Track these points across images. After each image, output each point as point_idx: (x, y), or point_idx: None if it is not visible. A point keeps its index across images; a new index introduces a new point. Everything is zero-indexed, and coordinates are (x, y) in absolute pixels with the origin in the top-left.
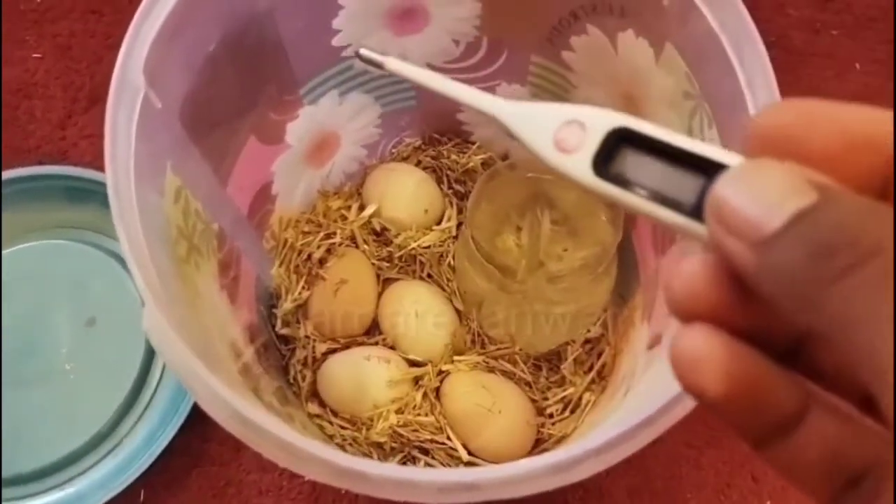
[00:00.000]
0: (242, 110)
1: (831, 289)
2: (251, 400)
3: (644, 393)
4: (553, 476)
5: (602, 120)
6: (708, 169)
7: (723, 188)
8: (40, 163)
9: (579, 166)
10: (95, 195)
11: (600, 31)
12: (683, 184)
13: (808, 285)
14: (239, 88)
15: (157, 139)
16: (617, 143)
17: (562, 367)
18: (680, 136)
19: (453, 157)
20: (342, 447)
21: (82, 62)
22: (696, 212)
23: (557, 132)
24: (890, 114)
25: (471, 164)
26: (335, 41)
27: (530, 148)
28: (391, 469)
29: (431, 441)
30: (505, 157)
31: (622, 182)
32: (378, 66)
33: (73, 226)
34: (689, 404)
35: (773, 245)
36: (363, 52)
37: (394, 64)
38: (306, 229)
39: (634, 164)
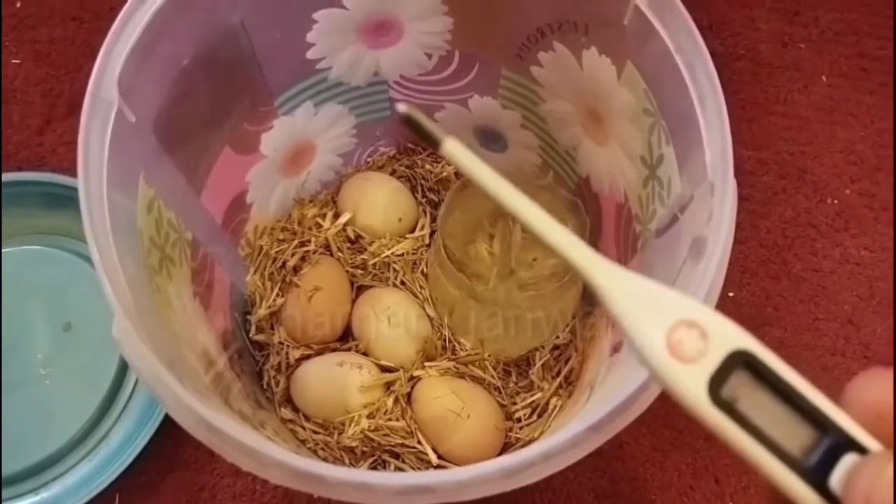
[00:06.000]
0: (216, 122)
1: None
2: (219, 406)
3: (600, 399)
4: (505, 479)
5: (728, 335)
6: (825, 426)
7: (886, 491)
8: (19, 169)
9: (692, 384)
10: (73, 202)
11: (566, 49)
12: (796, 433)
13: None
14: (213, 101)
15: (130, 151)
16: (734, 364)
17: (530, 372)
18: (805, 381)
19: (427, 166)
20: (314, 451)
21: (61, 69)
22: (808, 472)
23: (673, 330)
24: None
25: (444, 174)
26: (309, 54)
27: (628, 332)
28: (347, 472)
29: (402, 445)
30: None
31: (732, 412)
32: (432, 142)
33: (50, 232)
34: (636, 411)
35: None
36: (414, 114)
37: (453, 148)
38: (281, 237)
39: (750, 395)
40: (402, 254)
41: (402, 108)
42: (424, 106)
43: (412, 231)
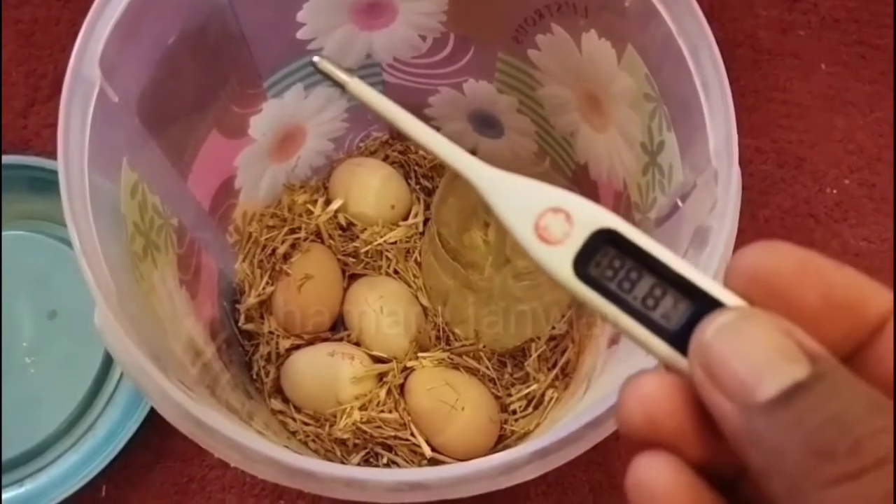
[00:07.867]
0: (203, 104)
1: (826, 492)
2: (206, 399)
3: (598, 393)
4: (499, 477)
5: (591, 216)
6: (693, 292)
7: (713, 338)
8: (2, 152)
9: (559, 263)
10: (58, 186)
11: (565, 31)
12: (666, 303)
13: (801, 478)
14: (199, 82)
15: (113, 134)
16: (601, 242)
17: (526, 363)
18: (668, 251)
19: (421, 152)
20: (305, 443)
21: (45, 49)
22: (677, 339)
23: (540, 217)
24: (877, 285)
25: (438, 160)
26: (300, 34)
27: (506, 225)
28: (339, 469)
29: (395, 437)
30: (473, 153)
31: (601, 287)
32: (339, 84)
33: (34, 217)
34: None
35: (764, 415)
36: (323, 63)
37: (358, 87)
38: (271, 223)
39: (618, 270)
40: (395, 242)
41: (314, 58)
42: (418, 90)
43: (405, 218)
